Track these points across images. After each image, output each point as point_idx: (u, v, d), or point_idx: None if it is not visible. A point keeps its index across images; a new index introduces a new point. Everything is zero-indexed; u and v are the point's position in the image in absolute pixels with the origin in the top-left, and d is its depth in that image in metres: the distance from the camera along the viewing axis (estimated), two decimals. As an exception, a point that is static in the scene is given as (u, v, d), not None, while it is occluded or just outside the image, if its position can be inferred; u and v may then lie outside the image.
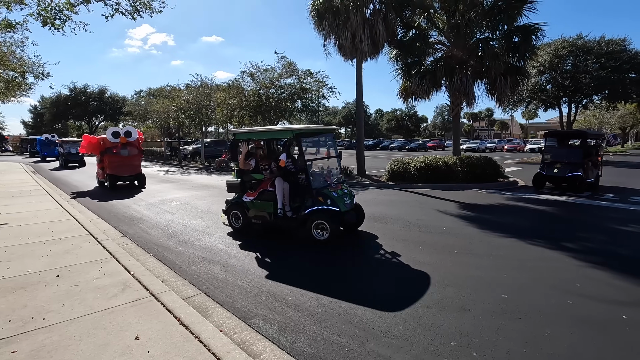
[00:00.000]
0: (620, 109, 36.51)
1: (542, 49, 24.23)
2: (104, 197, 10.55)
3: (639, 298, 3.72)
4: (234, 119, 19.22)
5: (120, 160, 12.45)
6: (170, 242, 5.96)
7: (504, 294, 3.82)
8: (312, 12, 14.36)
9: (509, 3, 12.23)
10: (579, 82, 25.58)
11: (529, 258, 5.02)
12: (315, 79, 17.92)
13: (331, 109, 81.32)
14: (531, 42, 12.76)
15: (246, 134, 6.75)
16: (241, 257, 5.17)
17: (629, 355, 2.77)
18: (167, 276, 4.39)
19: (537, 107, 31.27)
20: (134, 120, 37.69)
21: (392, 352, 2.84)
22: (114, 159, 12.32)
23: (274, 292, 3.97)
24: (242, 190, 6.49)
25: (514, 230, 6.41)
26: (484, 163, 12.67)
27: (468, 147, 40.63)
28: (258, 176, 6.40)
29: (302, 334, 3.11)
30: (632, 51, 24.99)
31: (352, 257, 5.17)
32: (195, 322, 3.14)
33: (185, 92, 23.83)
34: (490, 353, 2.81)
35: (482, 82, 13.61)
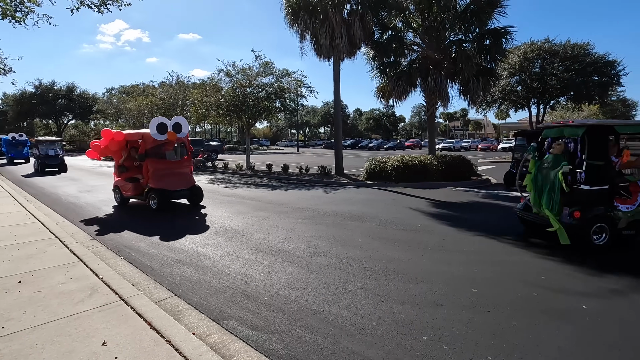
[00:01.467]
0: (585, 109, 38.46)
1: (513, 51, 25.14)
2: (74, 199, 10.11)
3: (597, 289, 3.94)
4: (209, 118, 18.87)
5: (168, 167, 8.62)
6: (142, 244, 5.79)
7: (474, 289, 3.94)
8: (286, 10, 14.31)
9: (480, 7, 12.61)
10: (547, 84, 26.73)
11: (498, 253, 5.21)
12: (293, 79, 17.87)
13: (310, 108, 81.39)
14: (501, 45, 13.22)
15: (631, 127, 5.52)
16: (216, 258, 5.08)
17: (587, 343, 2.92)
18: (138, 279, 4.26)
19: (508, 107, 32.45)
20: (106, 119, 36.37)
21: (366, 348, 2.88)
22: (160, 165, 8.43)
23: (249, 292, 3.93)
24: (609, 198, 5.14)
25: (485, 227, 6.63)
26: (459, 162, 13.04)
27: (444, 147, 41.69)
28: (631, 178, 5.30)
29: (277, 334, 3.10)
30: (594, 55, 26.34)
31: (329, 256, 5.18)
32: (166, 326, 3.06)
33: (160, 90, 23.21)
34: (460, 346, 2.89)
35: (455, 83, 13.99)
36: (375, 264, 4.77)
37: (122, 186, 8.99)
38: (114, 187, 9.34)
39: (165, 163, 8.65)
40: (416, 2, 13.71)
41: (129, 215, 7.94)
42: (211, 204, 9.16)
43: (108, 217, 7.73)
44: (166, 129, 8.19)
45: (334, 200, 9.78)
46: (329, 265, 4.73)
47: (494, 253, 5.20)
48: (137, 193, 8.69)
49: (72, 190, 11.88)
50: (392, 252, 5.23)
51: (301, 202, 9.25)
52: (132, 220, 7.45)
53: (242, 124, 18.69)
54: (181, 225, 7.00)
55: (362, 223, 7.02)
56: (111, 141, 8.68)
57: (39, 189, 12.23)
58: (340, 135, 15.97)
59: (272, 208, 8.62)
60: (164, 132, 8.16)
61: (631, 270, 4.48)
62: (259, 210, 8.40)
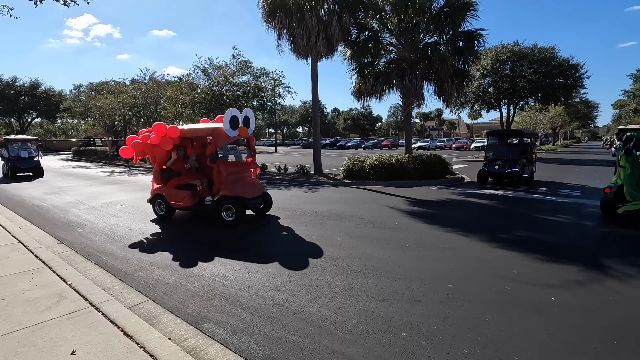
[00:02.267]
0: (551, 110, 40.32)
1: (485, 53, 26.04)
2: (39, 202, 9.60)
3: (564, 281, 4.13)
4: (185, 116, 18.43)
5: (240, 170, 7.34)
6: (115, 247, 5.57)
7: (450, 284, 4.04)
8: (263, 8, 14.16)
9: (454, 9, 12.94)
10: (516, 86, 27.84)
11: (472, 249, 5.36)
12: (271, 78, 17.73)
13: (288, 107, 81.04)
14: (474, 47, 13.62)
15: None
16: (194, 260, 4.96)
17: (556, 332, 3.06)
18: (110, 284, 4.10)
19: (481, 108, 33.61)
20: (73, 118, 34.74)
21: (346, 347, 2.89)
22: (232, 168, 7.14)
23: (227, 294, 3.86)
24: None
25: (459, 224, 6.81)
26: (434, 161, 13.35)
27: (420, 146, 42.60)
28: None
29: (256, 336, 3.06)
30: (559, 58, 27.67)
31: (309, 256, 5.17)
32: (140, 331, 2.96)
33: (132, 88, 22.41)
34: (437, 340, 2.96)
35: (431, 84, 14.28)
36: (354, 262, 4.80)
37: (170, 195, 7.27)
38: (154, 197, 7.50)
39: (237, 165, 7.40)
40: (392, 4, 13.90)
41: (100, 217, 7.61)
42: (187, 205, 8.93)
43: (76, 220, 7.38)
44: (238, 124, 6.74)
45: (312, 199, 9.77)
46: (309, 265, 4.71)
47: (468, 249, 5.36)
48: (193, 203, 7.23)
49: (37, 192, 11.28)
50: (371, 251, 5.28)
51: (280, 202, 9.18)
52: (103, 222, 7.15)
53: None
54: (155, 227, 6.78)
55: (341, 222, 7.05)
56: (162, 138, 6.89)
57: (0, 191, 11.53)
58: (318, 135, 15.97)
59: (250, 208, 8.49)
60: (236, 127, 6.71)
61: (593, 262, 4.72)
62: (237, 210, 8.26)
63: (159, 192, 7.43)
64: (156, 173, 7.54)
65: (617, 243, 5.79)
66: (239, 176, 7.13)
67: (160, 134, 6.88)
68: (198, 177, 7.50)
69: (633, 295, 3.77)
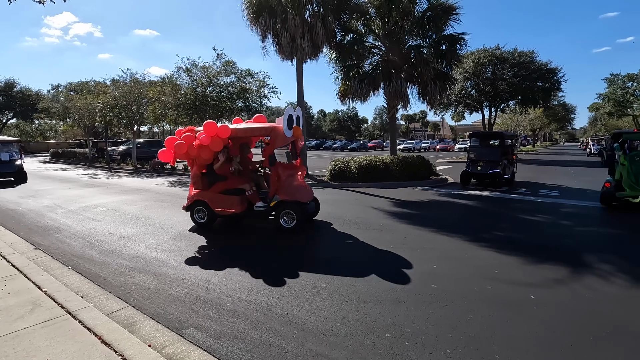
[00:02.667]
0: (531, 113, 41.47)
1: (467, 57, 26.60)
2: (14, 205, 9.24)
3: (543, 279, 4.23)
4: (168, 117, 18.10)
5: (292, 172, 6.74)
6: (94, 252, 5.40)
7: (434, 284, 4.08)
8: (246, 9, 14.07)
9: (436, 13, 13.16)
10: (497, 88, 28.52)
11: (455, 249, 5.45)
12: (256, 79, 17.62)
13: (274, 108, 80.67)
14: (456, 50, 13.89)
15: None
16: (176, 264, 4.86)
17: (535, 329, 3.13)
18: (88, 290, 3.97)
19: (464, 110, 34.24)
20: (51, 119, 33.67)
21: (330, 349, 2.88)
22: (289, 171, 6.65)
23: (210, 299, 3.79)
24: None
25: (443, 224, 6.91)
26: (418, 162, 13.51)
27: (405, 147, 43.09)
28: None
29: (240, 340, 3.01)
30: (538, 63, 28.50)
31: (292, 257, 5.14)
32: (119, 339, 2.87)
33: (113, 88, 21.88)
34: (421, 341, 2.98)
35: (415, 86, 14.47)
36: (339, 264, 4.79)
37: (214, 201, 6.64)
38: (193, 204, 6.83)
39: (293, 168, 6.78)
40: (376, 7, 14.03)
41: (78, 221, 7.39)
42: (170, 208, 8.77)
43: (53, 225, 7.14)
44: (293, 124, 6.34)
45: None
46: (293, 268, 4.67)
47: (451, 249, 5.44)
48: (243, 209, 6.59)
49: (11, 196, 10.87)
50: (356, 252, 5.29)
51: (265, 204, 9.12)
52: (82, 226, 6.94)
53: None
54: (136, 231, 6.62)
55: (327, 223, 7.04)
56: (213, 138, 6.20)
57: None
58: (304, 136, 15.93)
59: (235, 211, 8.40)
60: (291, 127, 6.33)
61: (571, 260, 4.86)
62: (221, 213, 8.16)
63: (200, 198, 6.73)
64: (196, 177, 6.80)
65: (593, 241, 5.98)
66: (294, 180, 6.63)
67: (210, 133, 6.19)
68: (246, 181, 6.81)
69: (607, 292, 3.90)
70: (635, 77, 39.99)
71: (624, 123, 46.03)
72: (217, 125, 6.31)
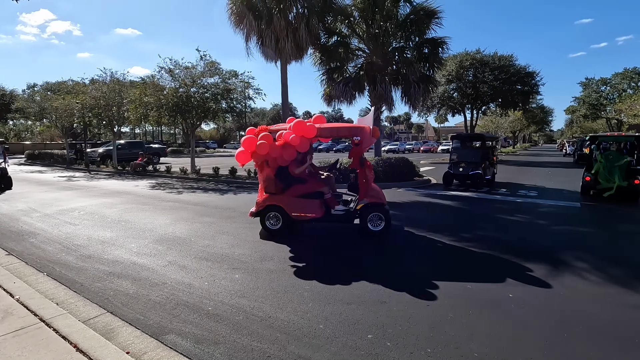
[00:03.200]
0: (511, 115, 42.57)
1: (450, 60, 27.12)
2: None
3: (521, 277, 4.35)
4: (150, 118, 17.73)
5: (373, 174, 6.89)
6: (70, 257, 5.24)
7: (416, 285, 4.14)
8: (230, 10, 13.97)
9: (419, 17, 13.38)
10: (479, 91, 29.18)
11: (437, 249, 5.54)
12: (240, 80, 17.45)
13: (259, 110, 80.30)
14: (439, 54, 14.15)
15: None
16: (156, 269, 4.77)
17: (513, 327, 3.21)
18: (63, 297, 3.85)
19: (447, 112, 34.89)
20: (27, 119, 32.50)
21: (313, 352, 2.88)
22: (371, 172, 6.57)
23: (192, 303, 3.73)
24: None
25: (425, 225, 7.02)
26: (402, 163, 13.67)
27: (389, 149, 43.51)
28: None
29: (221, 345, 2.98)
30: (517, 66, 29.32)
31: (277, 261, 5.12)
32: (95, 347, 2.80)
33: (92, 88, 21.29)
34: (402, 341, 3.01)
35: (398, 89, 14.65)
36: (322, 266, 4.80)
37: (291, 206, 6.23)
38: (265, 209, 6.38)
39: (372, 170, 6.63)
40: (360, 9, 14.14)
41: (54, 225, 7.15)
42: (151, 211, 8.60)
43: (28, 229, 6.89)
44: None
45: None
46: (277, 270, 4.67)
47: (433, 250, 5.52)
48: (322, 214, 6.25)
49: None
50: (341, 254, 5.31)
51: (249, 206, 8.98)
52: (58, 230, 6.72)
53: (187, 125, 17.81)
54: (116, 235, 6.46)
55: (310, 226, 7.04)
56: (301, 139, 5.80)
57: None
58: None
59: (218, 213, 8.32)
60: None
61: (547, 259, 5.01)
62: (204, 215, 8.07)
63: (274, 202, 6.28)
64: (270, 180, 6.29)
65: (569, 240, 6.18)
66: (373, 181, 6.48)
67: (300, 133, 5.81)
68: (324, 184, 6.49)
69: (581, 289, 4.03)
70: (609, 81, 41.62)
71: (598, 125, 47.84)
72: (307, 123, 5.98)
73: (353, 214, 6.29)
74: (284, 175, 6.29)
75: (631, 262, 4.96)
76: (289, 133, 5.85)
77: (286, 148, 5.91)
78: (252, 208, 6.62)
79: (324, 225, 6.99)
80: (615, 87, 40.78)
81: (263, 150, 5.84)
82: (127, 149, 24.96)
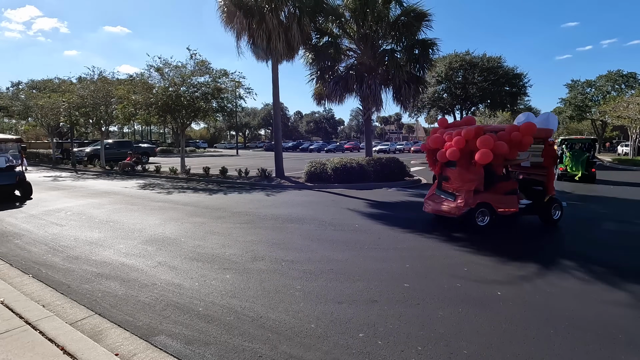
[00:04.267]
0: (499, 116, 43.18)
1: (439, 61, 27.40)
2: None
3: (508, 276, 4.43)
4: (138, 117, 17.49)
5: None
6: (57, 258, 5.14)
7: (406, 284, 4.18)
8: (221, 8, 13.87)
9: (410, 19, 13.50)
10: (468, 92, 29.57)
11: (427, 249, 5.59)
12: (231, 79, 17.33)
13: (250, 109, 79.87)
14: (429, 55, 14.30)
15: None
16: (146, 270, 4.71)
17: (500, 324, 3.26)
18: (50, 299, 3.78)
19: (437, 112, 35.22)
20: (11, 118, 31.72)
21: (304, 351, 2.88)
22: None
23: (182, 304, 3.70)
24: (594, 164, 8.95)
25: (415, 225, 7.08)
26: (393, 164, 13.78)
27: (380, 149, 43.79)
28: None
29: (212, 345, 2.96)
30: (506, 68, 29.79)
31: (268, 260, 5.10)
32: (83, 349, 2.75)
33: (80, 87, 20.90)
34: (393, 339, 3.04)
35: (389, 89, 14.77)
36: (314, 265, 4.81)
37: (498, 202, 6.74)
38: (477, 206, 6.58)
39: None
40: (351, 10, 14.19)
41: (40, 226, 7.00)
42: (140, 211, 8.49)
43: (13, 230, 6.74)
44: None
45: (274, 203, 9.69)
46: (268, 270, 4.66)
47: (423, 249, 5.58)
48: (518, 208, 6.94)
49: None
50: (331, 253, 5.33)
51: (240, 206, 9.02)
52: (44, 231, 6.58)
53: (176, 124, 17.62)
54: (104, 236, 6.36)
55: (302, 225, 7.05)
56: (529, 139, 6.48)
57: None
58: (279, 138, 15.88)
59: (208, 213, 8.26)
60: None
61: (535, 257, 5.11)
62: (195, 216, 8.00)
63: (484, 199, 6.62)
64: (482, 178, 6.61)
65: (556, 239, 6.31)
66: None
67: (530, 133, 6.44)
68: (515, 181, 7.32)
69: (566, 287, 4.12)
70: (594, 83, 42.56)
71: (583, 126, 48.86)
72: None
73: (532, 207, 7.22)
74: (490, 173, 6.77)
75: (614, 260, 5.09)
76: (517, 134, 6.41)
77: (514, 146, 6.46)
78: (449, 205, 6.89)
79: (316, 224, 7.00)
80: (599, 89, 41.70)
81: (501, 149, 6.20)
82: (115, 148, 24.57)
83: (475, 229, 6.55)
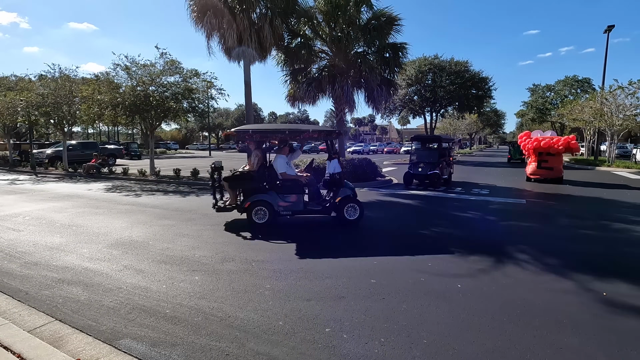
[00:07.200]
0: (467, 118, 44.88)
1: (409, 65, 28.15)
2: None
3: (469, 269, 4.68)
4: (105, 117, 16.80)
5: None
6: (14, 265, 4.90)
7: (373, 279, 4.32)
8: (191, 7, 13.64)
9: (380, 22, 13.82)
10: (437, 95, 30.54)
11: (395, 245, 5.79)
12: (202, 79, 17.00)
13: (223, 110, 78.58)
14: (399, 58, 14.68)
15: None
16: (110, 274, 4.59)
17: (459, 315, 3.46)
18: (5, 307, 3.62)
19: (408, 114, 36.19)
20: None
21: (271, 347, 2.94)
22: None
23: (148, 307, 3.65)
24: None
25: (385, 223, 7.29)
26: (365, 164, 14.03)
27: (354, 150, 44.31)
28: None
29: (179, 346, 2.96)
30: (472, 72, 31.01)
31: (238, 261, 5.10)
32: (42, 355, 2.68)
33: (39, 85, 19.81)
34: (358, 333, 3.16)
35: (361, 91, 15.03)
36: (284, 265, 4.87)
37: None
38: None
39: None
40: (323, 13, 14.34)
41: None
42: (106, 215, 8.20)
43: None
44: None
45: (246, 204, 9.62)
46: (238, 270, 4.67)
47: (391, 246, 5.77)
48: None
49: None
50: (302, 252, 5.40)
51: (211, 208, 8.89)
52: (0, 237, 6.24)
53: (146, 125, 17.08)
54: (66, 240, 6.11)
55: (271, 226, 7.07)
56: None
57: None
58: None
59: (178, 216, 8.11)
60: None
61: (494, 251, 5.41)
62: (164, 218, 7.83)
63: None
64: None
65: (513, 234, 6.69)
66: None
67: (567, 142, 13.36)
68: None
69: (520, 278, 4.41)
70: (553, 87, 45.12)
71: (544, 128, 51.70)
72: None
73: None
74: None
75: (565, 252, 5.48)
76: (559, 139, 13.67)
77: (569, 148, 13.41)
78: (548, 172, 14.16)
79: (287, 226, 7.05)
80: (558, 93, 44.31)
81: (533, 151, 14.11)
82: (79, 149, 23.49)
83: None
